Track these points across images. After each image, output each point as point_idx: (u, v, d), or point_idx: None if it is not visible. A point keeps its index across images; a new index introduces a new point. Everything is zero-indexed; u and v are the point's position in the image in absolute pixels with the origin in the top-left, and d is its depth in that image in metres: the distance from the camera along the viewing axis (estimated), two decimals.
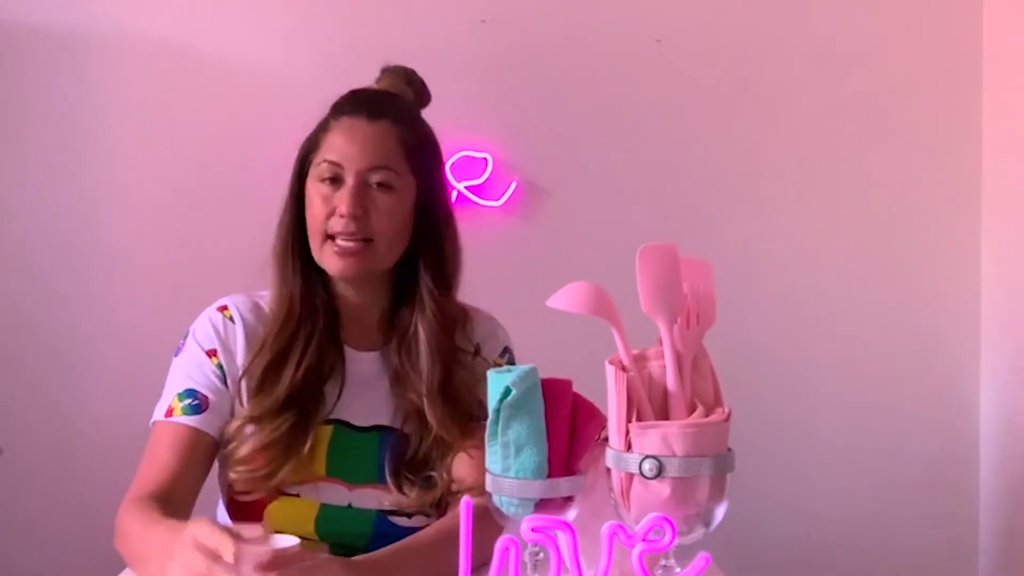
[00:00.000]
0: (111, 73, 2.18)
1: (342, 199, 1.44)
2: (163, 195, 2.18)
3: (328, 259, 1.46)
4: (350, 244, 1.45)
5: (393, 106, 1.53)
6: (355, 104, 1.52)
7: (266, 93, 2.16)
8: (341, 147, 1.47)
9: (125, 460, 1.47)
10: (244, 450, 1.43)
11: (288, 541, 1.20)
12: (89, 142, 2.18)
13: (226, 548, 1.06)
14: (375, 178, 1.46)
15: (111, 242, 2.18)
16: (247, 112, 2.17)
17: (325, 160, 1.47)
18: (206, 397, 1.45)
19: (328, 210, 1.45)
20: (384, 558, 1.29)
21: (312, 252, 1.49)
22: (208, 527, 1.09)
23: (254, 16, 2.20)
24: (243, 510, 1.47)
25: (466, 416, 1.48)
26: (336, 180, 1.46)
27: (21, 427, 2.13)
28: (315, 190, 1.47)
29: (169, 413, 1.45)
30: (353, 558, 1.25)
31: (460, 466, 1.46)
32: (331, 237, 1.46)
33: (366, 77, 1.64)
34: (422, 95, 1.61)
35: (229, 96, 2.19)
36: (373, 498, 1.46)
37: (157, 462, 1.41)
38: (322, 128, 1.51)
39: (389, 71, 1.61)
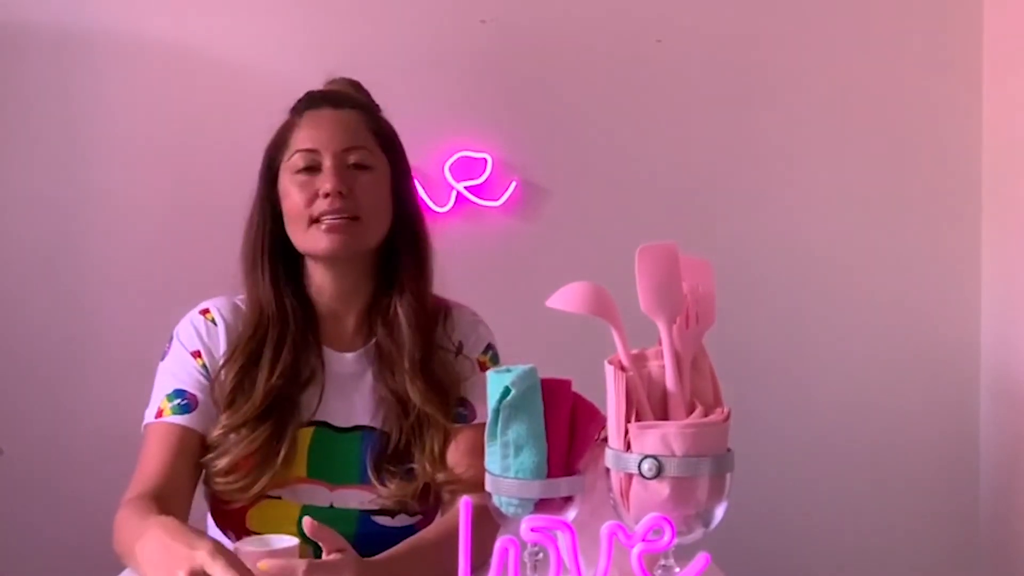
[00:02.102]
0: (109, 73, 2.17)
1: (325, 180, 1.47)
2: (161, 195, 2.18)
3: (316, 240, 1.47)
4: (337, 221, 1.46)
5: (353, 98, 1.58)
6: (316, 99, 1.56)
7: (265, 94, 2.13)
8: (313, 135, 1.50)
9: (124, 461, 1.48)
10: (222, 463, 1.43)
11: (288, 541, 1.20)
12: (86, 142, 2.17)
13: None
14: (352, 159, 1.50)
15: (110, 242, 2.18)
16: (247, 112, 2.16)
17: (299, 151, 1.50)
18: (195, 396, 1.47)
19: (309, 195, 1.47)
20: (394, 558, 1.29)
21: (296, 242, 1.50)
22: (218, 562, 1.10)
23: (252, 17, 2.20)
24: (227, 515, 1.48)
25: (447, 395, 1.49)
26: (312, 168, 1.49)
27: (21, 427, 2.13)
28: (290, 182, 1.49)
29: (159, 414, 1.46)
30: (365, 559, 1.25)
31: (456, 458, 1.47)
32: (316, 220, 1.47)
33: (365, 78, 1.64)
34: (371, 101, 1.63)
35: (228, 96, 2.19)
36: (355, 498, 1.47)
37: (151, 463, 1.43)
38: (286, 129, 1.55)
39: (334, 81, 1.63)
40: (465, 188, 2.20)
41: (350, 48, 2.17)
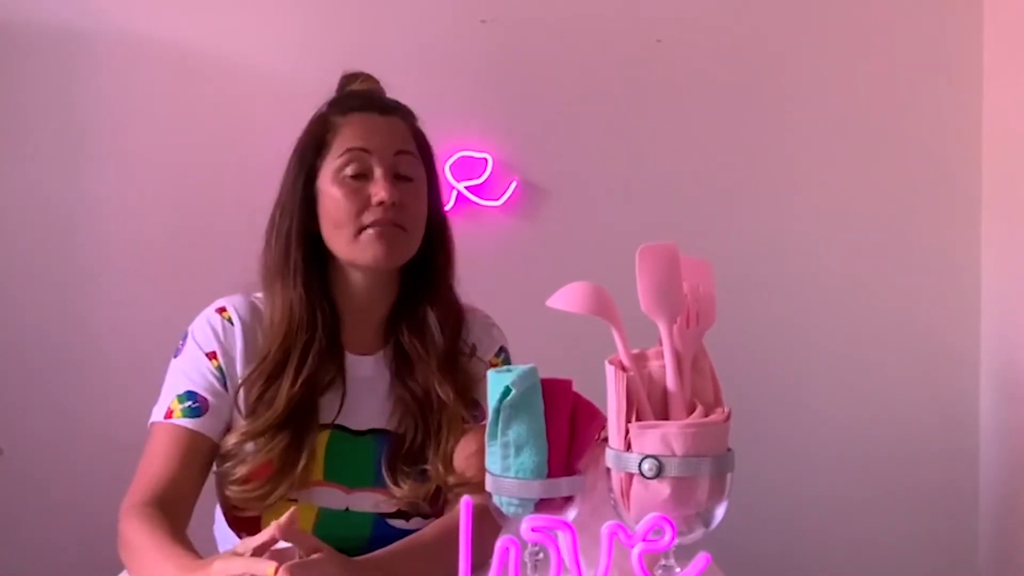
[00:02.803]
0: (110, 73, 2.18)
1: (380, 188, 1.45)
2: (163, 194, 2.18)
3: (364, 249, 1.45)
4: (390, 230, 1.45)
5: (396, 103, 1.56)
6: (361, 101, 1.54)
7: (265, 94, 2.16)
8: (364, 137, 1.48)
9: (125, 461, 1.47)
10: (239, 472, 1.42)
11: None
12: (88, 141, 2.18)
13: (262, 569, 1.09)
14: (401, 166, 1.48)
15: (111, 242, 2.18)
16: (247, 112, 2.17)
17: (349, 149, 1.47)
18: (206, 399, 1.44)
19: (361, 202, 1.45)
20: (384, 558, 1.29)
21: (338, 248, 1.48)
22: (235, 562, 1.12)
23: (253, 16, 2.21)
24: (242, 520, 1.47)
25: (469, 399, 1.49)
26: (360, 174, 1.46)
27: (21, 427, 2.13)
28: (338, 184, 1.46)
29: (168, 415, 1.44)
30: (353, 558, 1.25)
31: (460, 457, 1.46)
32: (364, 228, 1.45)
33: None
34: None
35: (228, 96, 2.19)
36: (370, 501, 1.46)
37: (157, 465, 1.41)
38: (324, 128, 1.51)
39: (358, 76, 1.60)
40: (465, 188, 2.21)
41: (351, 48, 2.17)
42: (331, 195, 1.47)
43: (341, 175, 1.47)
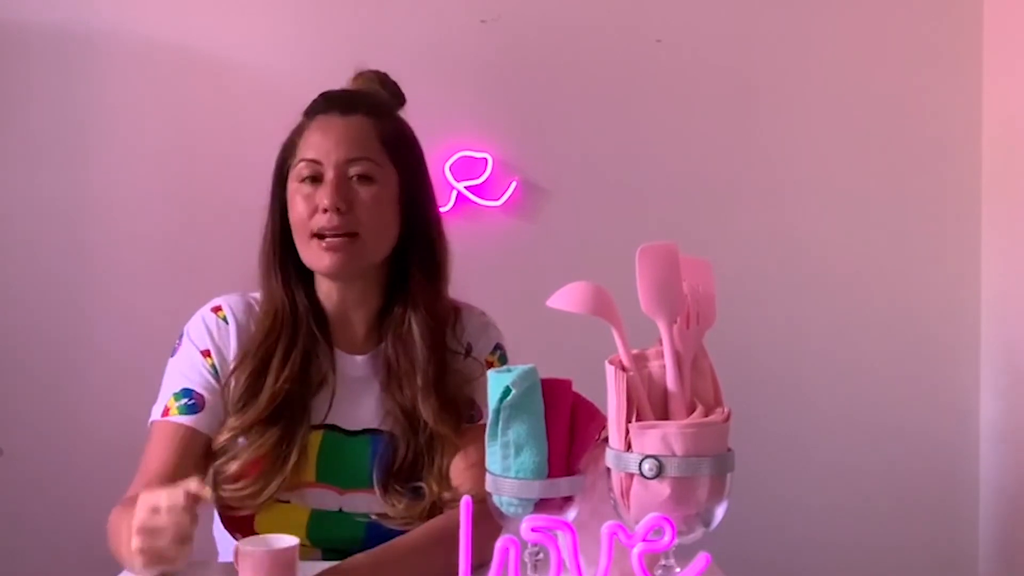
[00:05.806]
0: (110, 73, 2.18)
1: (324, 194, 1.44)
2: (162, 194, 2.18)
3: (315, 257, 1.45)
4: (336, 240, 1.43)
5: (365, 101, 1.53)
6: (327, 103, 1.52)
7: (265, 94, 2.16)
8: (317, 144, 1.47)
9: (125, 461, 1.47)
10: (230, 469, 1.42)
11: (287, 541, 1.20)
12: (86, 142, 2.18)
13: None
14: (354, 170, 1.46)
15: (111, 242, 2.18)
16: (248, 112, 2.17)
17: (303, 159, 1.47)
18: (202, 396, 1.45)
19: (311, 208, 1.45)
20: (377, 558, 1.28)
21: (300, 254, 1.48)
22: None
23: (252, 16, 2.21)
24: (235, 520, 1.47)
25: (459, 414, 1.47)
26: (316, 178, 1.46)
27: (21, 427, 2.13)
28: (296, 191, 1.47)
29: (166, 413, 1.45)
30: (346, 560, 1.25)
31: (456, 472, 1.45)
32: (317, 236, 1.44)
33: None
34: (397, 96, 1.59)
35: (229, 96, 2.19)
36: (364, 503, 1.45)
37: (154, 462, 1.42)
38: (297, 132, 1.51)
39: (361, 75, 1.60)
40: (465, 188, 2.21)
41: (352, 48, 2.15)
42: (291, 201, 1.48)
43: (297, 182, 1.47)
